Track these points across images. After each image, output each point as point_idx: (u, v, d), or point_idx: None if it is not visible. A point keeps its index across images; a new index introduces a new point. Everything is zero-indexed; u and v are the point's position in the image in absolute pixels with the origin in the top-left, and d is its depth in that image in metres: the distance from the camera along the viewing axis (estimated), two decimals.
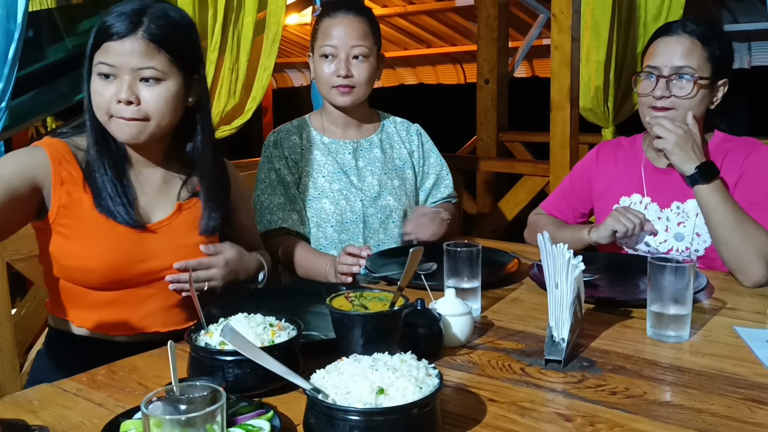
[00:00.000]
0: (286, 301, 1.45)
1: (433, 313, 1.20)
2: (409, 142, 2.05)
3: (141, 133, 1.33)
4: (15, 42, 1.89)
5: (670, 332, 1.25)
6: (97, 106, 1.32)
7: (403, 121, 2.08)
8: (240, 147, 1.47)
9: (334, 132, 1.95)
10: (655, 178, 1.79)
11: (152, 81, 1.31)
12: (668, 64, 1.66)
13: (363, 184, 1.91)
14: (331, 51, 1.83)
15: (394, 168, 1.98)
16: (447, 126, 2.12)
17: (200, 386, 0.79)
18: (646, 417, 0.96)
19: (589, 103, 2.82)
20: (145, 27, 1.29)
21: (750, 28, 3.72)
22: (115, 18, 1.29)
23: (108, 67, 1.29)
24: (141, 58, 1.29)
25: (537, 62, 5.45)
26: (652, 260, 1.26)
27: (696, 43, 1.65)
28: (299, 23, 5.09)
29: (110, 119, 1.32)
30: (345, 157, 1.92)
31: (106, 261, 1.33)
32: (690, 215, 1.72)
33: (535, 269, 1.62)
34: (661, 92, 1.66)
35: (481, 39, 3.68)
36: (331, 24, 1.85)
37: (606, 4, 2.68)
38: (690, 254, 1.72)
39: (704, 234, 1.69)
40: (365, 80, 1.84)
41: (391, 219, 1.93)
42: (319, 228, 1.87)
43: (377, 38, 1.89)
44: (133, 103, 1.29)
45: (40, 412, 1.00)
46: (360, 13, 1.86)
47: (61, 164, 1.33)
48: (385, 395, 0.85)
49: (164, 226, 1.41)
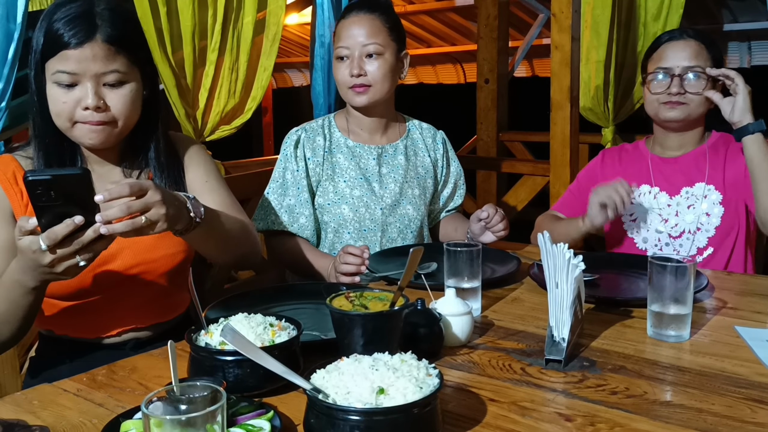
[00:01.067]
0: (286, 300, 1.45)
1: (434, 313, 1.20)
2: (434, 150, 2.02)
3: (108, 137, 1.32)
4: (15, 42, 1.89)
5: (671, 332, 1.24)
6: (58, 114, 1.29)
7: (430, 127, 2.05)
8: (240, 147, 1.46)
9: (359, 135, 1.92)
10: (662, 168, 1.91)
11: (116, 84, 1.29)
12: (679, 65, 1.83)
13: (384, 191, 1.88)
14: (345, 52, 1.81)
15: (416, 176, 1.96)
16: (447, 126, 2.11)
17: (201, 386, 0.79)
18: (647, 417, 0.96)
19: (589, 103, 2.82)
20: (102, 29, 1.26)
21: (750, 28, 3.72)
22: (65, 24, 1.25)
23: (68, 76, 1.26)
24: (103, 63, 1.27)
25: (537, 62, 5.45)
26: (652, 260, 1.26)
27: (701, 46, 1.85)
28: (299, 23, 5.08)
29: (74, 126, 1.29)
30: (369, 163, 1.90)
31: None
32: (699, 197, 1.85)
33: (535, 269, 1.62)
34: (677, 89, 1.82)
35: (481, 39, 3.67)
36: (343, 26, 1.84)
37: (606, 4, 2.67)
38: (699, 236, 1.83)
39: (714, 214, 1.82)
40: (380, 78, 1.81)
41: (409, 229, 1.92)
42: (336, 233, 1.86)
43: (395, 34, 1.85)
44: (101, 109, 1.28)
45: (41, 412, 1.00)
46: (372, 11, 1.82)
47: (12, 183, 1.32)
48: (386, 395, 0.85)
49: None
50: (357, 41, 1.79)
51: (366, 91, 1.81)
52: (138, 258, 1.38)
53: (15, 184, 1.32)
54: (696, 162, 1.88)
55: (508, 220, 1.77)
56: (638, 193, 1.92)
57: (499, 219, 1.76)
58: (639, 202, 1.91)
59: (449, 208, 2.10)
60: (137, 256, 1.38)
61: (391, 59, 1.82)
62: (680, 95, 1.82)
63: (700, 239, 1.84)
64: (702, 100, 1.82)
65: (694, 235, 1.84)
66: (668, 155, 1.93)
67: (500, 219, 1.76)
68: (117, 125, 1.32)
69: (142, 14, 2.08)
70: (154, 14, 2.11)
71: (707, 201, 1.84)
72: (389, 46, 1.82)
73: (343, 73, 1.82)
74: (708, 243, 1.83)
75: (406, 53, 1.90)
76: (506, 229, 1.78)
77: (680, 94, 1.82)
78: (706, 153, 1.88)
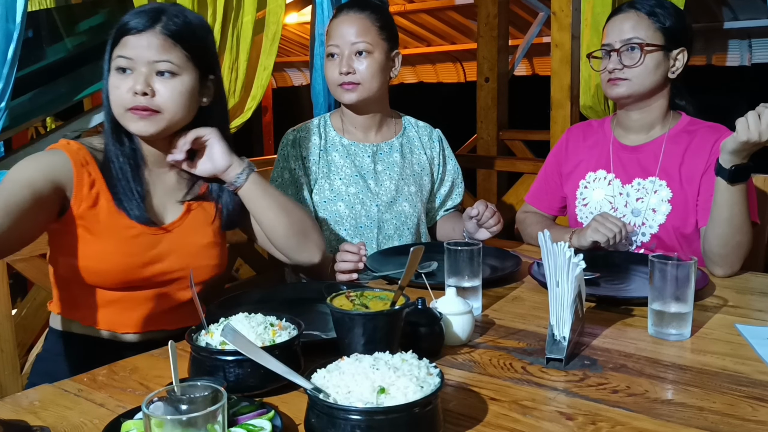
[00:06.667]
0: (286, 300, 1.45)
1: (434, 312, 1.20)
2: (430, 149, 2.03)
3: (154, 126, 1.34)
4: (14, 42, 1.89)
5: (672, 330, 1.24)
6: (114, 101, 1.34)
7: (426, 125, 2.06)
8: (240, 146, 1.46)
9: (354, 134, 1.93)
10: (621, 155, 1.87)
11: (167, 75, 1.33)
12: (618, 39, 1.76)
13: (380, 189, 1.89)
14: (335, 50, 1.83)
15: (412, 174, 1.96)
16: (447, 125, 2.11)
17: (201, 386, 0.79)
18: (648, 415, 0.96)
19: (590, 101, 2.81)
20: (163, 23, 1.33)
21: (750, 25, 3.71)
22: (134, 15, 1.34)
23: (125, 60, 1.32)
24: (158, 51, 1.32)
25: (537, 60, 5.44)
26: (653, 258, 1.26)
27: (641, 16, 1.76)
28: (299, 22, 5.08)
29: (125, 113, 1.34)
30: (364, 161, 1.91)
31: (121, 262, 1.35)
32: (649, 192, 1.79)
33: (535, 267, 1.62)
34: (614, 65, 1.76)
35: (481, 37, 3.67)
36: (333, 24, 1.85)
37: (606, 2, 2.67)
38: (644, 230, 1.79)
39: (660, 211, 1.78)
40: (369, 76, 1.82)
41: (406, 225, 1.92)
42: (332, 231, 1.87)
43: (386, 33, 1.85)
44: (147, 95, 1.31)
45: (41, 412, 1.00)
46: (362, 9, 1.83)
47: (83, 166, 1.34)
48: (386, 394, 0.84)
49: (176, 227, 1.43)
50: (346, 39, 1.81)
51: (354, 89, 1.83)
52: (183, 263, 1.41)
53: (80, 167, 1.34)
54: (654, 153, 1.81)
55: (501, 215, 1.77)
56: (594, 177, 1.89)
57: (489, 215, 1.76)
58: (594, 187, 1.89)
59: (447, 207, 2.10)
60: (182, 260, 1.41)
61: (380, 58, 1.83)
62: (618, 71, 1.75)
63: (644, 234, 1.80)
64: (647, 73, 1.73)
65: (638, 228, 1.80)
66: (630, 141, 1.86)
67: (491, 215, 1.76)
68: (163, 116, 1.34)
69: None
70: None
71: (656, 196, 1.78)
72: (379, 45, 1.83)
73: (332, 71, 1.83)
74: (651, 239, 1.79)
75: (398, 52, 1.90)
76: (499, 224, 1.78)
77: (618, 70, 1.75)
78: (664, 143, 1.80)
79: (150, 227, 1.38)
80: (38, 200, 1.25)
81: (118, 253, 1.35)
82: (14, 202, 1.21)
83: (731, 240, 1.58)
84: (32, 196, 1.24)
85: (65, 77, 2.62)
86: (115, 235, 1.35)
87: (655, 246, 1.79)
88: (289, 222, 1.49)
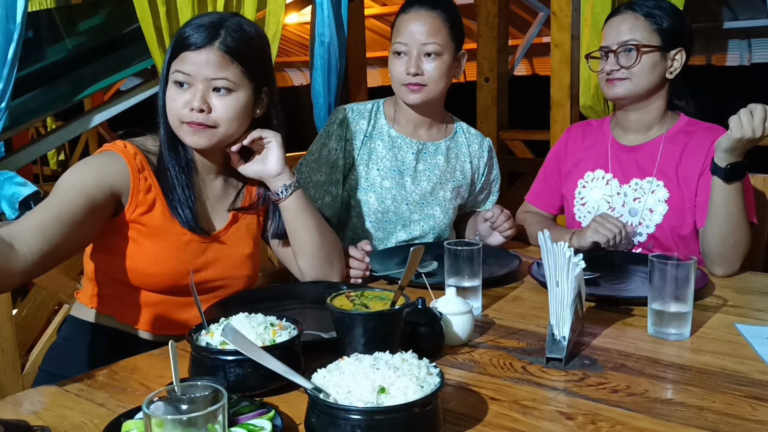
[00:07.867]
0: (287, 300, 1.45)
1: (434, 312, 1.20)
2: (478, 158, 1.98)
3: (209, 140, 1.36)
4: (14, 42, 1.89)
5: (672, 330, 1.25)
6: (171, 112, 1.36)
7: (477, 133, 2.00)
8: None
9: (404, 126, 1.88)
10: (619, 155, 1.87)
11: (224, 91, 1.34)
12: (615, 41, 1.77)
13: (415, 188, 1.86)
14: (403, 48, 1.77)
15: (452, 179, 1.92)
16: None
17: (202, 386, 0.79)
18: (648, 415, 0.96)
19: (590, 101, 2.81)
20: (222, 39, 1.33)
21: (750, 25, 3.71)
22: (193, 29, 1.34)
23: (183, 76, 1.33)
24: (215, 69, 1.33)
25: (537, 60, 5.44)
26: (653, 258, 1.26)
27: (638, 17, 1.76)
28: (299, 22, 5.08)
29: (181, 125, 1.35)
30: (407, 156, 1.87)
31: (171, 267, 1.36)
32: (646, 192, 1.80)
33: (535, 267, 1.62)
34: (611, 66, 1.78)
35: (480, 37, 3.67)
36: (402, 21, 1.79)
37: (605, 2, 2.67)
38: (641, 230, 1.80)
39: (657, 211, 1.78)
40: (436, 78, 1.77)
41: (434, 231, 1.89)
42: (359, 219, 1.85)
43: (455, 33, 1.79)
44: (204, 111, 1.33)
45: (42, 412, 1.00)
46: (433, 8, 1.77)
47: (140, 172, 1.35)
48: (387, 394, 0.85)
49: (223, 235, 1.45)
50: (416, 39, 1.75)
51: (420, 90, 1.78)
52: (225, 272, 1.44)
53: (137, 172, 1.34)
54: (652, 154, 1.81)
55: (514, 220, 1.77)
56: (593, 177, 1.89)
57: (504, 219, 1.75)
58: (592, 187, 1.89)
59: (478, 209, 2.08)
60: (225, 270, 1.44)
61: (448, 59, 1.78)
62: (616, 71, 1.76)
63: (641, 234, 1.80)
64: (644, 73, 1.74)
65: (636, 228, 1.80)
66: (628, 141, 1.86)
67: (505, 219, 1.75)
68: (218, 130, 1.36)
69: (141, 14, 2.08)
70: (154, 14, 2.11)
71: (653, 196, 1.78)
72: (448, 47, 1.77)
73: (399, 70, 1.78)
74: (648, 239, 1.80)
75: (464, 53, 1.85)
76: (512, 228, 1.77)
77: (615, 71, 1.76)
78: (661, 144, 1.81)
79: (200, 235, 1.39)
80: (92, 208, 1.25)
81: (170, 258, 1.36)
82: (68, 210, 1.21)
83: (729, 239, 1.58)
84: (86, 203, 1.24)
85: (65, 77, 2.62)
86: (167, 241, 1.36)
87: (652, 246, 1.79)
88: (320, 244, 1.49)
